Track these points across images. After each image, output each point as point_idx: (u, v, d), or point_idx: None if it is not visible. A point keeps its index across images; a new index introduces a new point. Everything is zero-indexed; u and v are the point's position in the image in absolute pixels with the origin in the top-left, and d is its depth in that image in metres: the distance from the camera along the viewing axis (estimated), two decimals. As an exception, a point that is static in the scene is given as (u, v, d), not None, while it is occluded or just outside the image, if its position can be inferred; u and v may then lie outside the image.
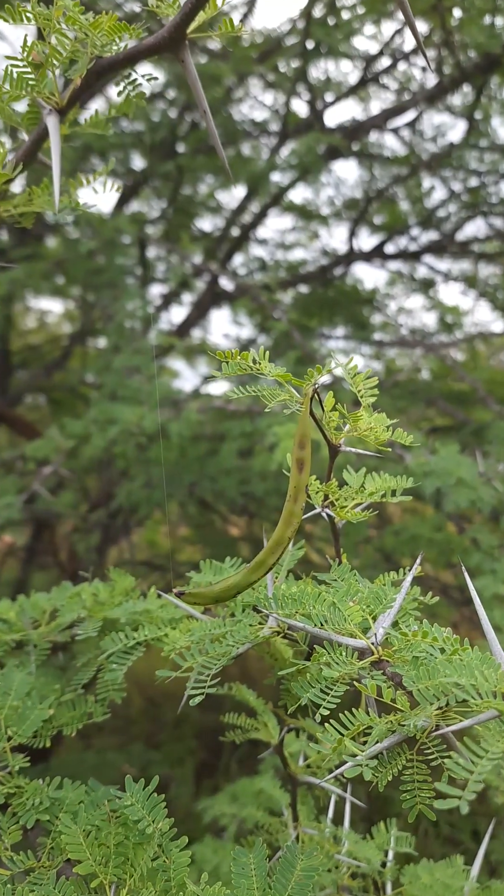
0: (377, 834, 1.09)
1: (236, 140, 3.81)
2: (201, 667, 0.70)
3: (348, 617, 0.65)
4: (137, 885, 0.60)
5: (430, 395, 3.57)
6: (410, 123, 3.76)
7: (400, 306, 4.89)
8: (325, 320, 4.38)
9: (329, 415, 0.69)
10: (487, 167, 3.56)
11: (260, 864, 0.61)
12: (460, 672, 0.49)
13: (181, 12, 0.62)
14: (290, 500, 0.63)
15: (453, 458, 1.97)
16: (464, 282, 4.23)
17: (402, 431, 0.73)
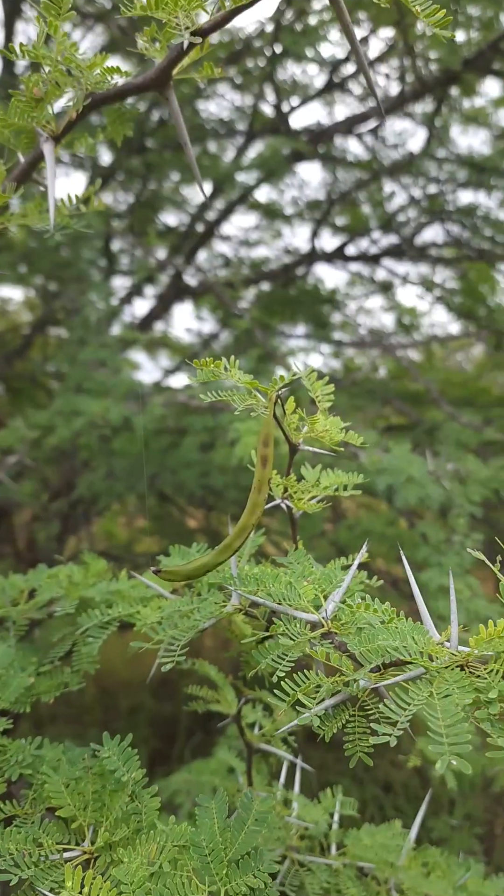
0: (324, 799, 1.19)
1: (203, 138, 3.87)
2: (171, 638, 0.79)
3: (302, 594, 0.74)
4: (112, 826, 0.69)
5: (387, 395, 3.69)
6: (373, 130, 3.87)
7: (359, 307, 5.02)
8: (287, 318, 4.48)
9: (290, 417, 0.78)
10: (446, 176, 3.69)
11: (221, 808, 0.70)
12: (395, 636, 0.58)
13: (167, 57, 0.70)
14: (255, 492, 0.72)
15: (405, 456, 2.09)
16: (421, 285, 4.36)
17: (354, 434, 0.83)
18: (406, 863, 1.31)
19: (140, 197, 3.96)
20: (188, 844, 0.66)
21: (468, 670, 0.57)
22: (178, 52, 0.69)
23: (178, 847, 0.66)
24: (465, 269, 4.40)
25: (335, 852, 1.22)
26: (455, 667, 0.57)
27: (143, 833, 0.68)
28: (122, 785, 0.71)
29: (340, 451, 0.81)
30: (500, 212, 3.72)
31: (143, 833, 0.68)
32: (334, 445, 0.80)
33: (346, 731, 0.67)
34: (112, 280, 4.22)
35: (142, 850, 0.65)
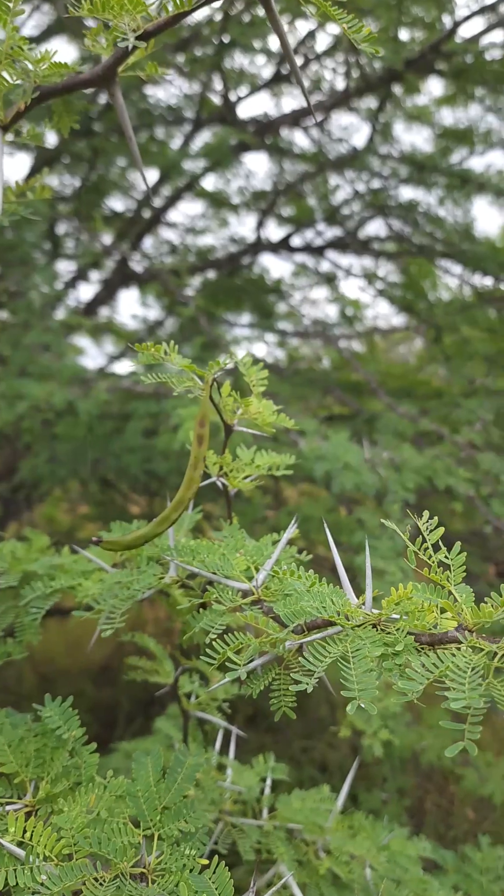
0: (256, 765, 1.26)
1: (151, 124, 3.87)
2: (112, 608, 0.84)
3: (235, 565, 0.79)
4: (53, 780, 0.73)
5: (328, 385, 3.77)
6: (319, 123, 3.93)
7: (304, 297, 5.10)
8: (232, 307, 4.52)
9: (225, 399, 0.83)
10: (389, 172, 3.78)
11: (156, 763, 0.75)
12: (316, 599, 0.65)
13: (113, 55, 0.74)
14: (191, 468, 0.77)
15: (342, 444, 2.16)
16: (364, 278, 4.46)
17: (286, 416, 0.89)
18: (333, 825, 1.38)
19: (86, 181, 3.94)
20: (124, 795, 0.71)
21: (380, 628, 0.63)
22: (123, 51, 0.73)
23: (115, 797, 0.71)
24: (407, 263, 4.51)
25: (267, 815, 1.28)
26: (368, 625, 0.64)
27: (82, 786, 0.73)
28: (63, 742, 0.75)
29: (272, 432, 0.86)
30: (439, 209, 3.84)
31: (82, 786, 0.73)
32: (267, 427, 0.86)
33: (273, 689, 0.72)
34: (57, 264, 4.20)
35: (81, 800, 0.70)
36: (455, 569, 0.64)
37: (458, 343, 4.30)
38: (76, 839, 0.65)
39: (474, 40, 3.05)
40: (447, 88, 3.86)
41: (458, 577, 0.63)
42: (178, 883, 0.62)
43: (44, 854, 0.64)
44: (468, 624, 0.59)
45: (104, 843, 0.66)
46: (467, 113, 3.98)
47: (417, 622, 0.62)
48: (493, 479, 2.61)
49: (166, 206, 4.11)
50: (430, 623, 0.62)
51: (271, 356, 4.88)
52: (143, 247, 4.42)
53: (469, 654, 0.54)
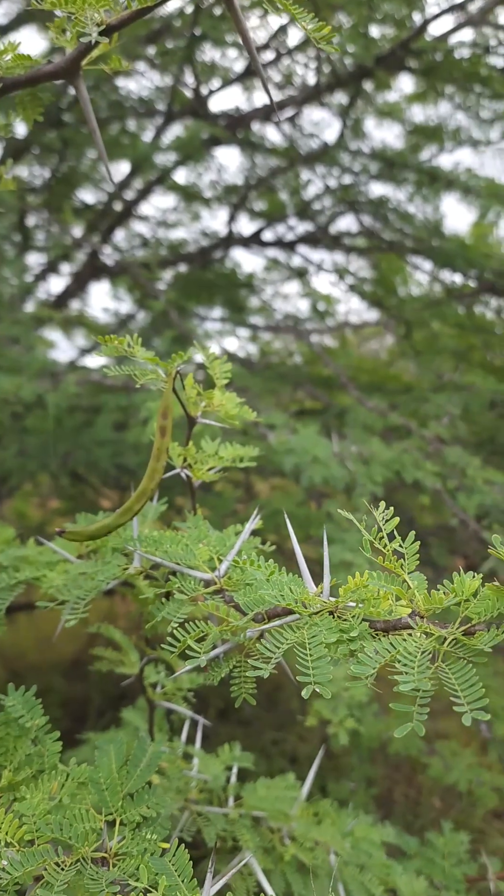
0: (222, 753, 1.27)
1: (123, 116, 3.85)
2: (76, 598, 0.84)
3: (198, 555, 0.81)
4: (16, 768, 0.74)
5: (299, 379, 3.79)
6: (291, 118, 3.94)
7: (275, 292, 5.11)
8: (204, 301, 4.52)
9: (189, 392, 0.84)
10: (360, 168, 3.80)
11: (119, 751, 0.76)
12: (273, 588, 0.66)
13: (77, 49, 0.75)
14: (154, 459, 0.78)
15: (311, 438, 2.18)
16: (335, 273, 4.48)
17: (249, 409, 0.90)
18: (298, 813, 1.41)
19: (57, 172, 3.91)
20: (87, 782, 0.72)
21: (337, 615, 0.65)
22: (87, 44, 0.74)
23: (77, 784, 0.72)
24: (378, 259, 4.54)
25: (232, 804, 1.30)
26: (325, 613, 0.65)
27: (45, 774, 0.73)
28: (26, 731, 0.76)
29: (236, 424, 0.88)
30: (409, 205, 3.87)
31: (45, 774, 0.73)
32: (230, 419, 0.87)
33: (233, 676, 0.74)
34: (27, 256, 4.16)
35: (43, 787, 0.70)
36: (409, 557, 0.66)
37: (427, 339, 4.34)
38: (38, 825, 0.66)
39: (443, 38, 3.08)
40: (418, 86, 3.89)
41: (412, 566, 0.65)
42: (138, 866, 0.64)
43: (5, 840, 0.64)
44: (421, 610, 0.61)
45: (66, 828, 0.67)
46: (437, 110, 4.02)
47: (373, 609, 0.64)
48: (459, 472, 2.65)
49: (138, 198, 4.10)
50: (386, 610, 0.64)
51: (243, 350, 4.89)
52: (114, 240, 4.40)
53: (420, 640, 0.56)
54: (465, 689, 0.51)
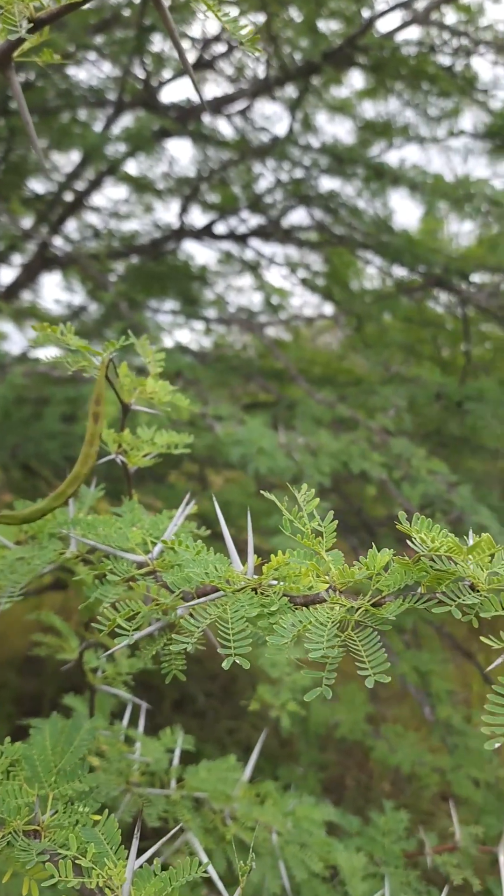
0: (163, 736, 1.30)
1: (74, 105, 3.81)
2: (13, 583, 0.86)
3: (131, 538, 0.83)
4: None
5: (250, 371, 3.83)
6: (242, 111, 3.96)
7: (228, 285, 5.13)
8: (156, 293, 4.51)
9: (122, 379, 0.86)
10: (310, 162, 3.84)
11: (53, 729, 0.78)
12: (199, 566, 0.69)
13: (7, 41, 0.76)
14: (87, 445, 0.79)
15: (257, 429, 2.21)
16: (286, 266, 4.52)
17: (181, 396, 0.92)
18: (241, 794, 1.44)
19: (4, 161, 3.86)
20: (21, 759, 0.74)
21: (259, 591, 0.68)
22: (17, 38, 0.75)
23: (11, 762, 0.74)
24: (329, 253, 4.59)
25: (175, 786, 1.33)
26: (249, 589, 0.68)
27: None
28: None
29: (168, 410, 0.90)
30: (359, 200, 3.92)
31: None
32: (163, 406, 0.89)
33: (164, 653, 0.76)
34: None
35: (-24, 766, 0.72)
36: (327, 535, 0.69)
37: (377, 332, 4.42)
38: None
39: (390, 36, 3.13)
40: (368, 82, 3.94)
41: (329, 543, 0.68)
42: (68, 836, 0.66)
43: None
44: (336, 584, 0.64)
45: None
46: (387, 107, 4.08)
47: (294, 585, 0.67)
48: (404, 462, 2.71)
49: (88, 189, 4.07)
50: (306, 586, 0.67)
51: (197, 343, 4.91)
52: (65, 230, 4.36)
53: (330, 611, 0.59)
54: (370, 654, 0.55)
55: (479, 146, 3.68)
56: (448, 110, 3.88)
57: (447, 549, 0.55)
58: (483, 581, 0.55)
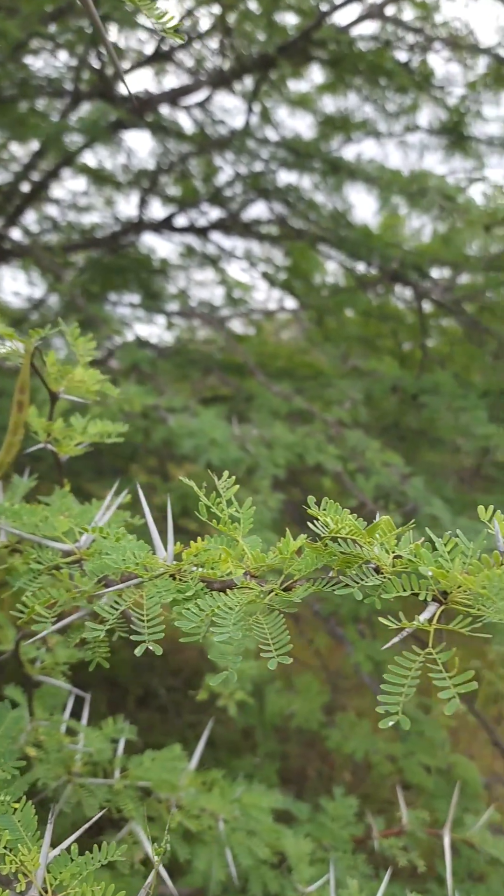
0: (106, 726, 1.30)
1: (31, 95, 3.76)
2: None
3: (58, 527, 0.83)
4: None
5: (209, 364, 3.82)
6: (201, 104, 3.94)
7: (189, 278, 5.11)
8: (116, 287, 4.48)
9: (49, 368, 0.86)
10: (269, 155, 3.84)
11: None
12: (117, 552, 0.69)
13: None
14: (10, 434, 0.79)
15: (210, 421, 2.22)
16: (246, 260, 4.52)
17: (111, 385, 0.92)
18: (187, 782, 1.45)
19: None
20: None
21: (177, 577, 0.69)
22: None
23: None
24: (290, 247, 4.60)
25: (118, 776, 1.33)
26: (167, 576, 0.69)
27: None
28: None
29: (95, 398, 0.90)
30: (318, 194, 3.93)
31: None
32: (91, 395, 0.89)
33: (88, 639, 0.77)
34: None
35: None
36: (244, 521, 0.70)
37: (337, 326, 4.44)
38: None
39: (346, 30, 3.14)
40: (327, 77, 3.95)
41: (246, 529, 0.69)
42: (-16, 824, 0.66)
43: None
44: (251, 569, 0.65)
45: None
46: (346, 102, 4.10)
47: (212, 571, 0.67)
48: (359, 455, 2.74)
49: (46, 180, 4.02)
50: (225, 571, 0.67)
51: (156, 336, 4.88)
52: (24, 222, 4.31)
53: (241, 595, 0.60)
54: (275, 637, 0.56)
55: (434, 142, 3.71)
56: (406, 106, 3.91)
57: (348, 531, 0.56)
58: (387, 564, 0.56)
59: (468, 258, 3.38)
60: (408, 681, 0.50)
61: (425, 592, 0.54)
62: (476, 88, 3.42)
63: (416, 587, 0.54)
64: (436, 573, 0.53)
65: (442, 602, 0.54)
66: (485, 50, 3.19)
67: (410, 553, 0.55)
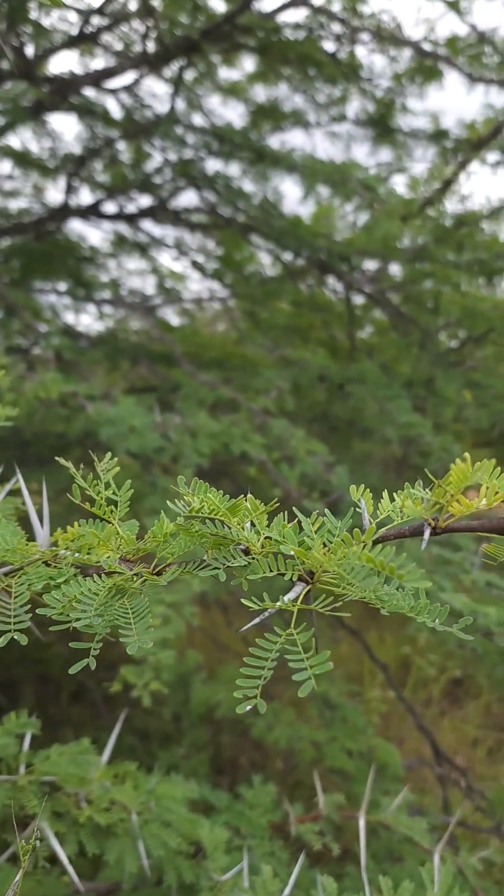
0: (7, 721, 1.26)
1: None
2: None
3: None
4: None
5: (137, 354, 3.77)
6: (129, 88, 3.87)
7: (119, 266, 5.03)
8: (42, 274, 4.37)
9: None
10: (197, 142, 3.80)
11: None
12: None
13: None
14: None
15: (130, 409, 2.18)
16: (176, 248, 4.47)
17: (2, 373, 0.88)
18: (98, 775, 1.42)
19: None
20: None
21: (52, 564, 0.66)
22: None
23: None
24: (222, 236, 4.58)
25: (23, 771, 1.30)
26: (41, 563, 0.66)
27: None
28: None
29: None
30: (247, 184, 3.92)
31: None
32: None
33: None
34: None
35: None
36: (121, 505, 0.68)
37: (267, 316, 4.44)
38: None
39: (271, 17, 3.12)
40: (258, 65, 3.93)
41: (123, 512, 0.67)
42: None
43: None
44: (126, 554, 0.63)
45: None
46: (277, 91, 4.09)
47: (87, 556, 0.65)
48: (284, 444, 2.74)
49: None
50: (103, 556, 0.65)
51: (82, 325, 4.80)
52: None
53: (105, 580, 0.58)
54: (137, 620, 0.54)
55: (361, 133, 3.74)
56: (335, 98, 3.92)
57: (209, 510, 0.54)
58: (256, 545, 0.55)
59: (394, 249, 3.41)
60: (267, 663, 0.49)
61: (291, 572, 0.53)
62: (401, 81, 3.45)
63: (283, 568, 0.54)
64: (297, 553, 0.52)
65: (308, 582, 0.53)
66: (408, 42, 3.22)
67: (278, 534, 0.55)
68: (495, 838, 2.40)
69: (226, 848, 1.63)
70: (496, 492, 0.47)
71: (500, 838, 2.24)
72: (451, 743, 4.06)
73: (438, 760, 2.66)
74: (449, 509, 0.50)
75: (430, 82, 3.37)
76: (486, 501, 0.48)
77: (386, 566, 0.45)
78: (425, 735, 2.63)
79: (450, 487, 0.49)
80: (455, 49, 3.46)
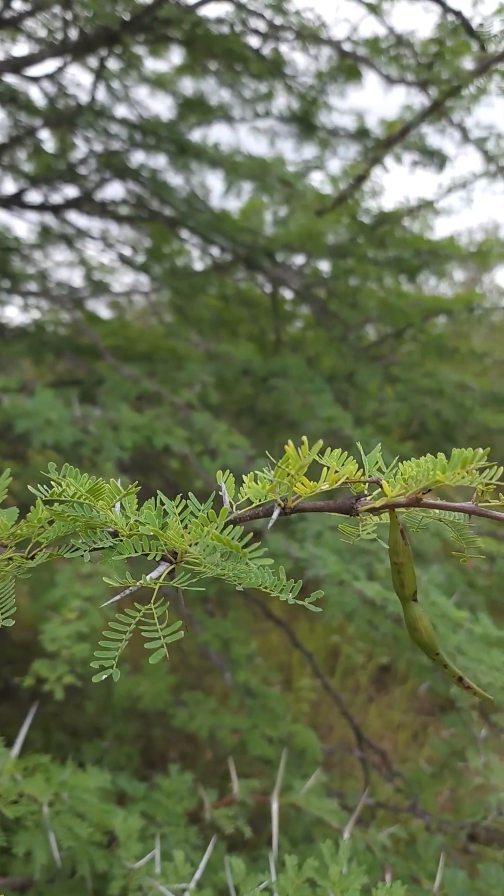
0: None
1: None
2: None
3: None
4: None
5: (61, 347, 3.73)
6: (51, 76, 3.80)
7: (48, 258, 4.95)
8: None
9: None
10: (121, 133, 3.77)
11: None
12: None
13: None
14: None
15: (47, 401, 2.16)
16: (102, 241, 4.43)
17: None
18: (7, 768, 1.42)
19: None
20: None
21: None
22: None
23: None
24: (151, 229, 4.55)
25: None
26: None
27: None
28: None
29: None
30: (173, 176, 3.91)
31: None
32: None
33: None
34: None
35: None
36: (1, 491, 0.68)
37: (194, 309, 4.44)
38: None
39: (192, 10, 3.12)
40: (185, 59, 3.93)
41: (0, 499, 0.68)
42: None
43: None
44: (3, 540, 0.64)
45: None
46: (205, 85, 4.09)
47: (-34, 544, 0.66)
48: (207, 437, 2.76)
49: None
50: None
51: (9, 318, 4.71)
52: None
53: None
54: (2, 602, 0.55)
55: (286, 130, 3.77)
56: (262, 93, 3.95)
57: (72, 493, 0.56)
58: (124, 527, 0.57)
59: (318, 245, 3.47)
60: (125, 636, 0.51)
61: (155, 553, 0.55)
62: (323, 79, 3.50)
63: (148, 548, 0.55)
64: (155, 533, 0.54)
65: (172, 562, 0.55)
66: (328, 42, 3.26)
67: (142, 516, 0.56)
68: (412, 816, 2.48)
69: (140, 836, 1.65)
70: (335, 472, 0.51)
71: (415, 816, 2.32)
72: (378, 728, 4.17)
73: (360, 745, 2.73)
74: (294, 490, 0.53)
75: (351, 82, 3.42)
76: (327, 484, 0.51)
77: (233, 545, 0.48)
78: (349, 720, 2.69)
79: (289, 468, 0.52)
80: (377, 50, 3.52)
